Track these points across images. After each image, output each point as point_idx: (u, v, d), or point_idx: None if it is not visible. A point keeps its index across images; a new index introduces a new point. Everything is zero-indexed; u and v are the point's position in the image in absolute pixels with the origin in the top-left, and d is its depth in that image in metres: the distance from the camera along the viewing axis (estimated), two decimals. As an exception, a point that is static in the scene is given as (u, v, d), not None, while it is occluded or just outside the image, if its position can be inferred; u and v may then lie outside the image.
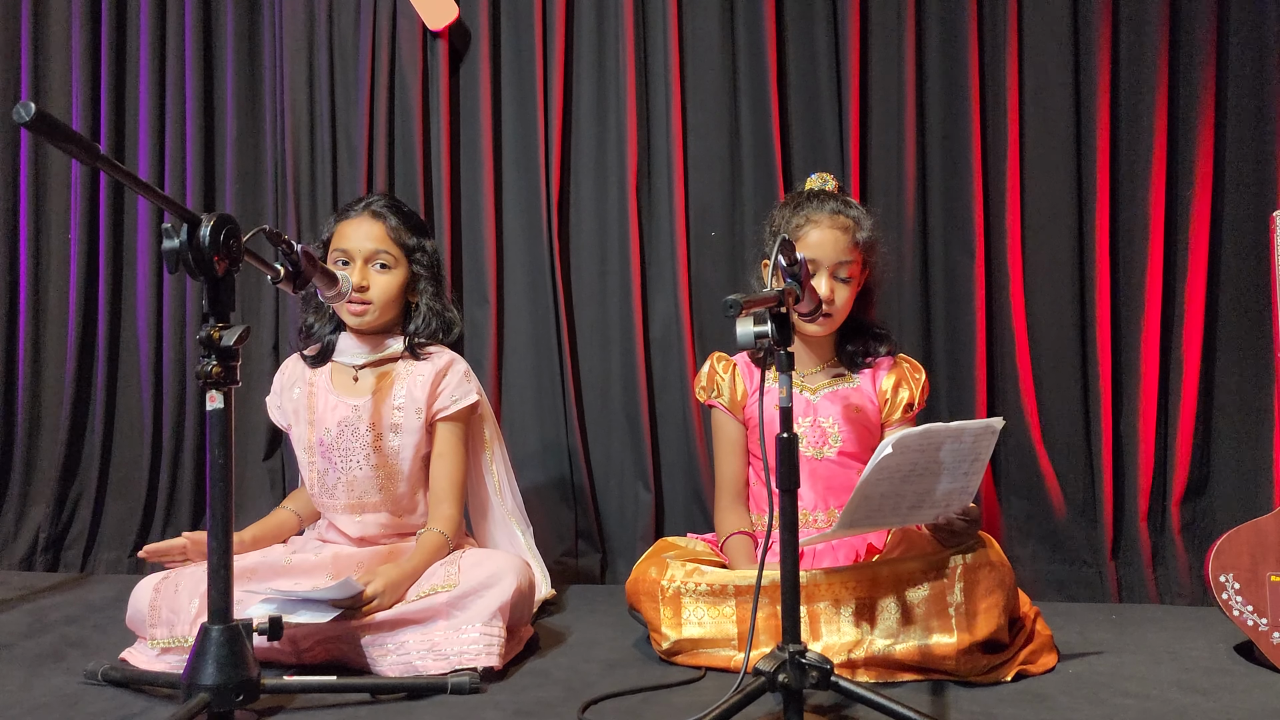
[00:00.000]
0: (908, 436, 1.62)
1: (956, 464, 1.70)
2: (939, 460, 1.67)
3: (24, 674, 1.83)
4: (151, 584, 1.87)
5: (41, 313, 2.85)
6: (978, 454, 1.71)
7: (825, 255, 1.99)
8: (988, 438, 1.70)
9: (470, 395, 2.11)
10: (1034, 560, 2.48)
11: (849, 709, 1.63)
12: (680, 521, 2.62)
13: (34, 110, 1.21)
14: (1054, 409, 2.52)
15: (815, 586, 1.80)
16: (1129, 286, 2.50)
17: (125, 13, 2.83)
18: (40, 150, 2.83)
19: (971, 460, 1.71)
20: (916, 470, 1.67)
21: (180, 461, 2.78)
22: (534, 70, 2.68)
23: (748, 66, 2.61)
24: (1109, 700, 1.68)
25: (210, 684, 1.46)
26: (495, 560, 1.91)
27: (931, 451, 1.65)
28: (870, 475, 1.64)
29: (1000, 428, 1.71)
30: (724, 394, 2.12)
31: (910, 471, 1.66)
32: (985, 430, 1.69)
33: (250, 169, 2.81)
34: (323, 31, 2.74)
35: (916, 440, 1.63)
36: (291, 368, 2.19)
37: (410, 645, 1.79)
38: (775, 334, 1.52)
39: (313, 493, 2.13)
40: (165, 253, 1.45)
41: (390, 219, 2.09)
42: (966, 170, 2.52)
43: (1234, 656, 1.93)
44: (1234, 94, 2.47)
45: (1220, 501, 2.47)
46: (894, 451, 1.61)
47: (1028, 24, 2.53)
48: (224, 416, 1.49)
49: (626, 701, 1.68)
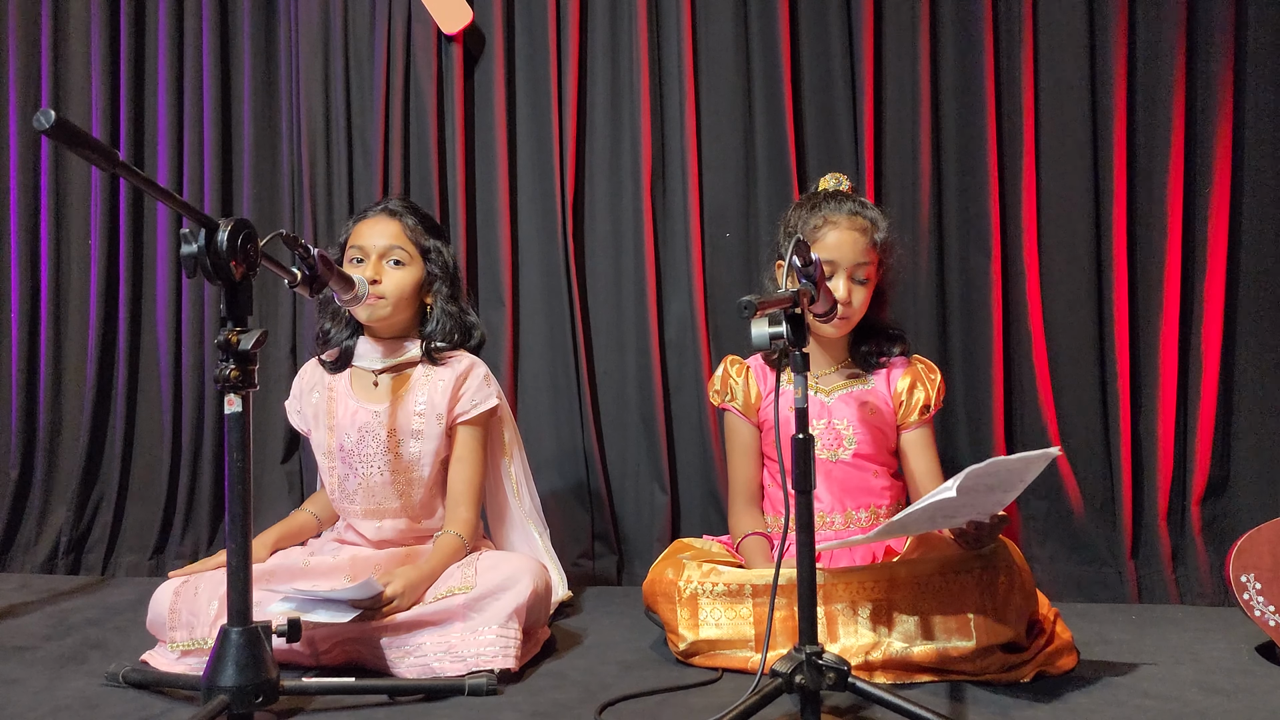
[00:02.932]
0: (970, 477, 1.56)
1: (1007, 487, 1.68)
2: (990, 486, 1.65)
3: (46, 676, 1.85)
4: (172, 587, 1.89)
5: (62, 318, 2.87)
6: (1025, 477, 1.69)
7: (844, 257, 1.98)
8: (1040, 464, 1.67)
9: (490, 399, 2.12)
10: (1053, 561, 2.47)
11: (866, 710, 1.62)
12: (696, 523, 2.62)
13: (54, 117, 1.22)
14: (1072, 408, 2.51)
15: (832, 587, 1.79)
16: (1147, 284, 2.48)
17: (144, 20, 2.85)
18: (60, 157, 2.85)
19: (1019, 481, 1.70)
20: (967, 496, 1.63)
21: (200, 465, 2.80)
22: (548, 73, 2.68)
23: (762, 67, 2.61)
24: (1129, 701, 1.67)
25: (230, 686, 1.48)
26: (512, 562, 1.91)
27: (987, 478, 1.62)
28: (922, 508, 1.62)
29: (1056, 455, 1.67)
30: (737, 397, 2.12)
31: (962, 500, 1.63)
32: (1043, 459, 1.65)
33: (267, 174, 2.83)
34: (338, 36, 2.76)
35: (974, 480, 1.58)
36: (310, 372, 2.19)
37: (427, 647, 1.80)
38: (790, 335, 1.51)
39: (332, 497, 2.14)
40: (183, 258, 1.46)
41: (406, 218, 2.10)
42: (982, 168, 2.51)
43: (1255, 657, 1.92)
44: (1253, 89, 2.45)
45: (1241, 500, 2.45)
46: (956, 496, 1.56)
47: (1043, 20, 2.52)
48: (242, 420, 1.50)
49: (643, 703, 1.68)
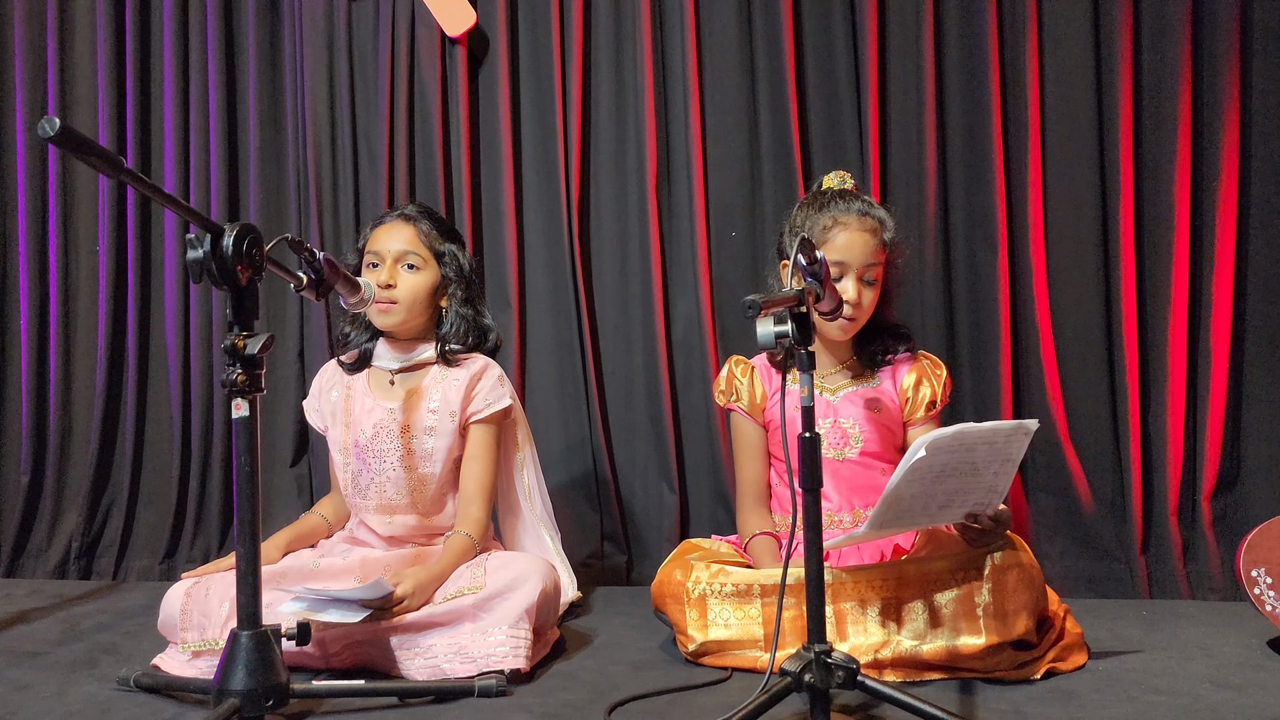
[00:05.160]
0: (940, 438, 1.60)
1: (988, 464, 1.68)
2: (971, 461, 1.66)
3: (58, 681, 1.85)
4: (183, 589, 1.90)
5: (71, 324, 2.88)
6: (1009, 455, 1.69)
7: (854, 258, 1.97)
8: (1020, 438, 1.68)
9: (504, 400, 2.13)
10: (1063, 557, 2.46)
11: (876, 708, 1.62)
12: (705, 522, 2.62)
13: (59, 125, 1.23)
14: (1080, 404, 2.50)
15: (841, 586, 1.79)
16: (1154, 279, 2.47)
17: (149, 27, 2.86)
18: (67, 163, 2.86)
19: (1003, 461, 1.69)
20: (948, 470, 1.65)
21: (209, 469, 2.81)
22: (552, 74, 2.68)
23: (766, 65, 2.61)
24: (1140, 698, 1.67)
25: (240, 689, 1.48)
26: (521, 562, 1.92)
27: (963, 452, 1.64)
28: (902, 476, 1.63)
29: (1034, 429, 1.68)
30: (743, 397, 2.12)
31: (941, 471, 1.65)
32: (1018, 430, 1.67)
33: (273, 178, 2.83)
34: (342, 40, 2.76)
35: (949, 440, 1.61)
36: (331, 372, 2.23)
37: (437, 649, 1.80)
38: (795, 333, 1.51)
39: (346, 493, 2.16)
40: (189, 263, 1.47)
41: (421, 223, 2.12)
42: (988, 165, 2.51)
43: (1267, 652, 1.91)
44: (1258, 83, 2.43)
45: (1251, 495, 2.44)
46: (927, 454, 1.59)
47: (1047, 14, 2.51)
48: (250, 424, 1.51)
49: (653, 703, 1.69)
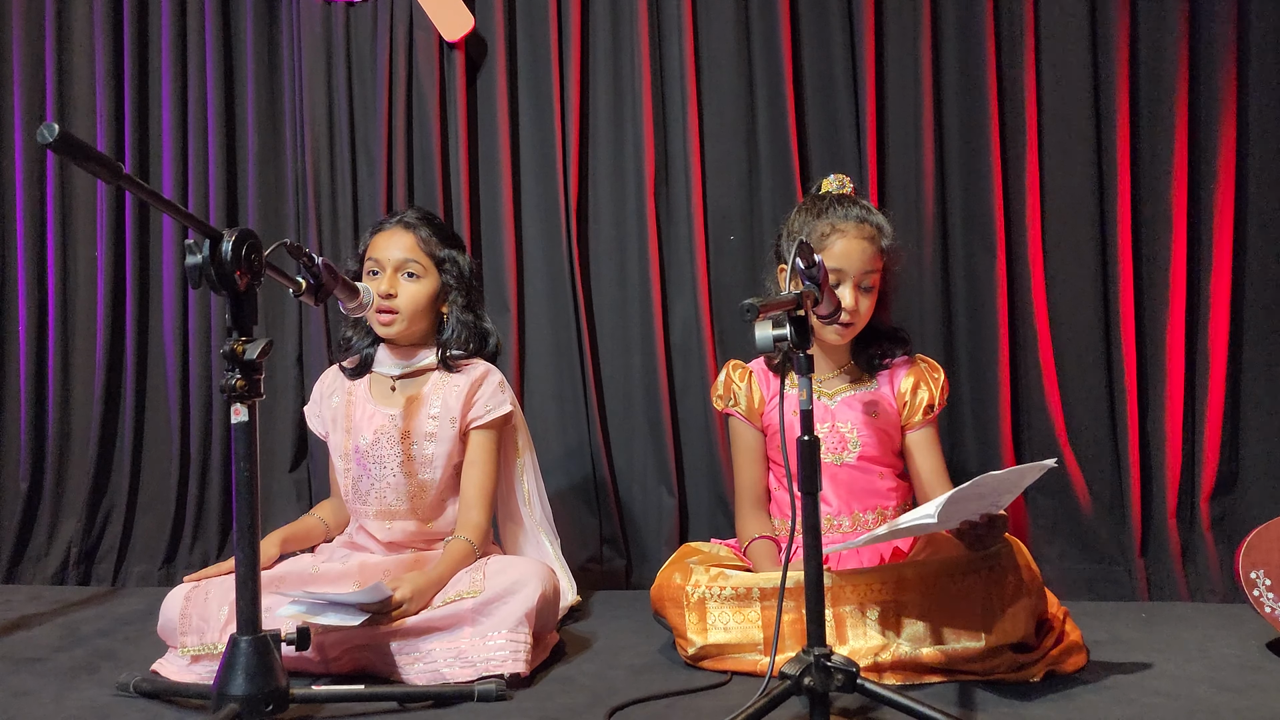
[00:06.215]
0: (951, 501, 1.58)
1: (996, 493, 1.69)
2: (979, 494, 1.64)
3: (57, 687, 1.85)
4: (182, 593, 1.90)
5: (69, 329, 2.87)
6: (1020, 485, 1.69)
7: (851, 265, 1.97)
8: (1035, 474, 1.67)
9: (504, 405, 2.13)
10: (1062, 559, 2.46)
11: (875, 711, 1.62)
12: (704, 525, 2.62)
13: (58, 131, 1.23)
14: (1079, 406, 2.50)
15: (840, 589, 1.79)
16: (1152, 281, 2.47)
17: (147, 32, 2.85)
18: (65, 169, 2.86)
19: (1009, 490, 1.70)
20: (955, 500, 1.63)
21: (208, 474, 2.81)
22: (550, 78, 2.69)
23: (763, 69, 2.61)
24: (1139, 699, 1.67)
25: (240, 694, 1.48)
26: (520, 566, 1.92)
27: (972, 487, 1.61)
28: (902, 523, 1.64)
29: (1050, 466, 1.66)
30: (741, 402, 2.12)
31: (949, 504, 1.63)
32: (1035, 469, 1.66)
33: (272, 183, 2.83)
34: (340, 45, 2.76)
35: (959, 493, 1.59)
36: (332, 377, 2.23)
37: (437, 653, 1.80)
38: (794, 337, 1.51)
39: (346, 498, 2.16)
40: (188, 269, 1.47)
41: (421, 230, 2.12)
42: (985, 167, 2.51)
43: (1266, 654, 1.91)
44: (1256, 85, 2.43)
45: (1250, 497, 2.44)
46: (937, 520, 1.58)
47: (1044, 17, 2.51)
48: (248, 429, 1.51)
49: (653, 707, 1.69)
